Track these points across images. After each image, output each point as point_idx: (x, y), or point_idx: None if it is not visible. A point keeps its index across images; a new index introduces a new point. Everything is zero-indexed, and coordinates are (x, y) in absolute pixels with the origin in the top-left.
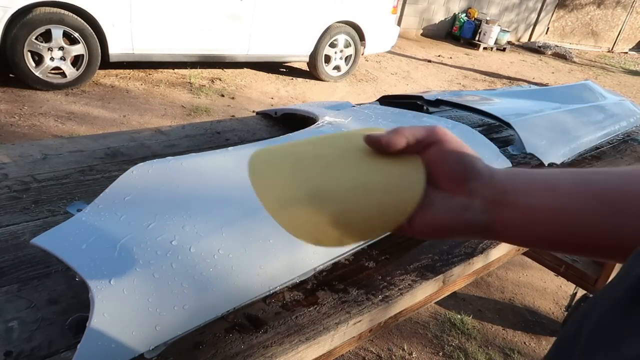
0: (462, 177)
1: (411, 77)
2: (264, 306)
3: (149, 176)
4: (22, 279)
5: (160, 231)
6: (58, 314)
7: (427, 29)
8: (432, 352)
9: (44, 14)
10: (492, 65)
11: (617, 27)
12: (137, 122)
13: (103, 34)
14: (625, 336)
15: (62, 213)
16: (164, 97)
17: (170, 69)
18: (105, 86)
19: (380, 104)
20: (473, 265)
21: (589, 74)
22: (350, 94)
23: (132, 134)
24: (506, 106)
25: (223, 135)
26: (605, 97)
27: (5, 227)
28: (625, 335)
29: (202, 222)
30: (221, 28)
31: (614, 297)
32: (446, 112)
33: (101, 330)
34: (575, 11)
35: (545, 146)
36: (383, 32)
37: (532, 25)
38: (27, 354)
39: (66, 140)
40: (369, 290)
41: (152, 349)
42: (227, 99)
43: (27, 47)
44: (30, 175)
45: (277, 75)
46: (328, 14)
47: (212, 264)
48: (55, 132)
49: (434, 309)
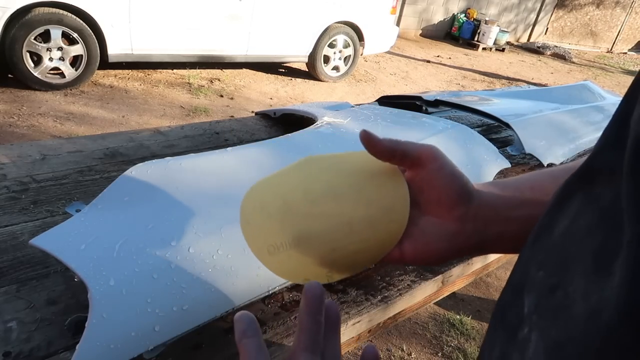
0: (452, 202)
1: (410, 78)
2: (263, 307)
3: (148, 177)
4: (21, 279)
5: (159, 232)
6: (57, 315)
7: (426, 30)
8: (431, 352)
9: (42, 15)
10: (491, 66)
11: (616, 27)
12: (136, 122)
13: (102, 35)
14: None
15: (61, 213)
16: (163, 97)
17: (169, 69)
18: (104, 86)
19: (379, 104)
20: (472, 266)
21: (588, 74)
22: (349, 94)
23: (131, 134)
24: (505, 106)
25: (222, 136)
26: (605, 97)
27: (4, 228)
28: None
29: (201, 223)
30: (220, 28)
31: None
32: (445, 113)
33: (100, 331)
34: (575, 11)
35: (544, 146)
36: (382, 32)
37: (531, 26)
38: (25, 355)
39: (65, 141)
40: (368, 291)
41: (151, 350)
42: (226, 100)
43: (26, 48)
44: (29, 176)
45: (276, 75)
46: (327, 14)
47: (211, 265)
48: (54, 133)
49: (433, 309)
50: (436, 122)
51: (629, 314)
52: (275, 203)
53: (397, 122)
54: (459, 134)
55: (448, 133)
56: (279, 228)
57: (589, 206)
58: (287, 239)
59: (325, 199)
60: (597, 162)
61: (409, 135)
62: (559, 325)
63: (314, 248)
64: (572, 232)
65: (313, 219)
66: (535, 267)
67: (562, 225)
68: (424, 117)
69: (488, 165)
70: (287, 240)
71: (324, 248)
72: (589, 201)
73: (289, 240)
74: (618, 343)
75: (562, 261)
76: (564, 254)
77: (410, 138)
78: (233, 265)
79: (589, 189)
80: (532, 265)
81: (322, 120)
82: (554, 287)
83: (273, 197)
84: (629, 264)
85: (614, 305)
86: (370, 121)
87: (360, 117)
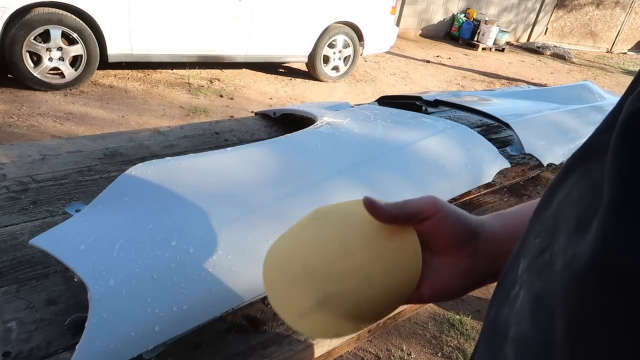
0: (460, 244)
1: (410, 78)
2: (263, 307)
3: (148, 177)
4: (20, 279)
5: (159, 232)
6: (57, 315)
7: (425, 30)
8: (431, 352)
9: (42, 15)
10: (491, 66)
11: (616, 27)
12: (135, 122)
13: (102, 35)
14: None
15: (61, 213)
16: (163, 97)
17: (169, 69)
18: (104, 86)
19: (379, 104)
20: None
21: (587, 74)
22: (349, 94)
23: (130, 134)
24: (505, 107)
25: (222, 136)
26: (604, 97)
27: (4, 228)
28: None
29: (201, 223)
30: (220, 28)
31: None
32: (445, 113)
33: (100, 331)
34: (574, 11)
35: (544, 147)
36: (382, 32)
37: (531, 26)
38: (25, 355)
39: (65, 141)
40: None
41: (151, 350)
42: (226, 100)
43: (26, 48)
44: (29, 176)
45: (275, 75)
46: (327, 14)
47: (210, 265)
48: (54, 133)
49: (433, 309)
50: (436, 122)
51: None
52: (294, 269)
53: (397, 122)
54: (459, 134)
55: (448, 133)
56: (301, 294)
57: (584, 180)
58: (312, 303)
59: (340, 258)
60: (593, 142)
61: (409, 135)
62: (542, 280)
63: (338, 307)
64: (566, 202)
65: (332, 281)
66: (533, 236)
67: (559, 198)
68: (423, 117)
69: (488, 165)
70: (311, 304)
71: (348, 305)
72: (584, 176)
73: (313, 304)
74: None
75: (554, 226)
76: (556, 221)
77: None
78: (233, 265)
79: (586, 165)
80: (530, 235)
81: (322, 120)
82: (543, 249)
83: (291, 263)
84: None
85: (584, 257)
86: (370, 121)
87: (360, 117)
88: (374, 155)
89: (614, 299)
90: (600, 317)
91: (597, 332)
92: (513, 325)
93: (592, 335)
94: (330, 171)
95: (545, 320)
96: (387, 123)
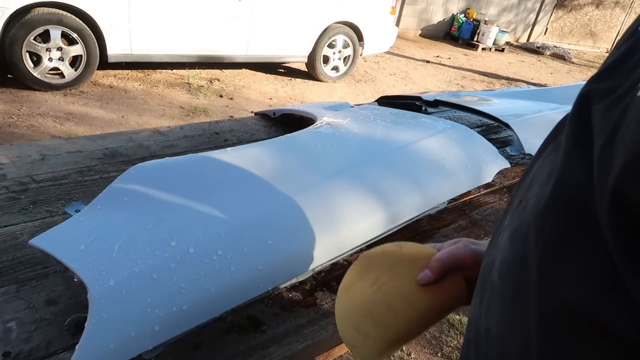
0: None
1: (410, 78)
2: (263, 307)
3: (148, 177)
4: (20, 279)
5: (159, 232)
6: (56, 315)
7: (425, 30)
8: (431, 352)
9: (42, 15)
10: (491, 66)
11: (616, 27)
12: (135, 122)
13: (101, 35)
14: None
15: (61, 214)
16: (163, 97)
17: (169, 69)
18: (104, 87)
19: (378, 104)
20: None
21: (587, 74)
22: (349, 94)
23: (130, 134)
24: (505, 107)
25: (221, 136)
26: None
27: (4, 228)
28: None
29: (200, 223)
30: (220, 28)
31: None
32: (445, 113)
33: (100, 331)
34: (574, 12)
35: None
36: (381, 32)
37: (531, 26)
38: (25, 355)
39: (64, 141)
40: None
41: (151, 350)
42: (226, 100)
43: (26, 48)
44: (29, 176)
45: (275, 75)
46: (326, 14)
47: (210, 265)
48: (54, 133)
49: None
50: (436, 123)
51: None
52: (366, 322)
53: (397, 122)
54: (459, 134)
55: (448, 133)
56: (374, 343)
57: (554, 150)
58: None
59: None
60: (562, 121)
61: (408, 135)
62: (518, 218)
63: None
64: (541, 167)
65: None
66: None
67: (536, 167)
68: (423, 117)
69: (488, 165)
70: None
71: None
72: (555, 146)
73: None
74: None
75: (529, 184)
76: (531, 180)
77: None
78: (233, 265)
79: (556, 139)
80: (514, 201)
81: (322, 120)
82: (521, 201)
83: (362, 317)
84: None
85: (547, 194)
86: (369, 121)
87: (359, 118)
88: (373, 156)
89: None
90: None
91: (559, 239)
92: (498, 258)
93: (555, 242)
94: (330, 171)
95: (521, 243)
96: (387, 123)
